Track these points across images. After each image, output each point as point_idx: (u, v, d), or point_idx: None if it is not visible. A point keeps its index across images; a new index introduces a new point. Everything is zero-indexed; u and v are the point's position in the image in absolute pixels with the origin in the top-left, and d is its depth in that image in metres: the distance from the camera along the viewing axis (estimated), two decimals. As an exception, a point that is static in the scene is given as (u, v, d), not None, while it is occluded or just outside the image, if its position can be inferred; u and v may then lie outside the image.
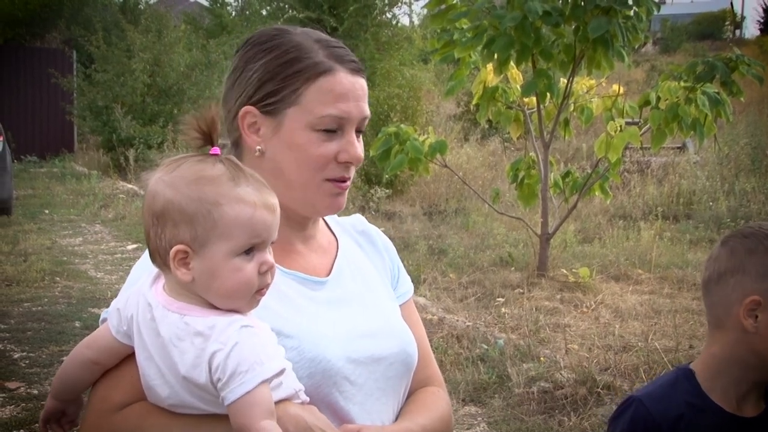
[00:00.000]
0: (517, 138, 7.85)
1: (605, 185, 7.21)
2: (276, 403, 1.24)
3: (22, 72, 18.23)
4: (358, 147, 1.47)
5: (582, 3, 6.17)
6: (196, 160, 1.28)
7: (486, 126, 14.25)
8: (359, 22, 17.32)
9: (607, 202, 8.06)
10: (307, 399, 1.33)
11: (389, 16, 18.62)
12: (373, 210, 10.72)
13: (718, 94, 6.29)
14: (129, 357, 1.34)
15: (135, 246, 9.10)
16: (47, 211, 11.61)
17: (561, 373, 4.79)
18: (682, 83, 6.33)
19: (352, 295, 1.53)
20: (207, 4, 23.80)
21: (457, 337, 5.51)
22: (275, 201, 1.29)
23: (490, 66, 6.73)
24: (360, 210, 10.48)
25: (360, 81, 1.48)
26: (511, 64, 6.51)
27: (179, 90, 15.75)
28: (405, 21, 38.58)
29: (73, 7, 23.28)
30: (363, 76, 1.50)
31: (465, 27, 6.52)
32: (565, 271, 7.13)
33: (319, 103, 1.43)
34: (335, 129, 1.45)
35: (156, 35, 15.88)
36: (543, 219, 7.21)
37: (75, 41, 20.29)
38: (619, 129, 6.55)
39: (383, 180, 11.11)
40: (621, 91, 7.00)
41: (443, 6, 6.60)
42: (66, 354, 5.38)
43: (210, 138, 1.31)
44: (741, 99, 6.55)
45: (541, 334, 5.63)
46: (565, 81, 6.84)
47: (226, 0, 23.27)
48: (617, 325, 5.84)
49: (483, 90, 7.06)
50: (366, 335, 1.48)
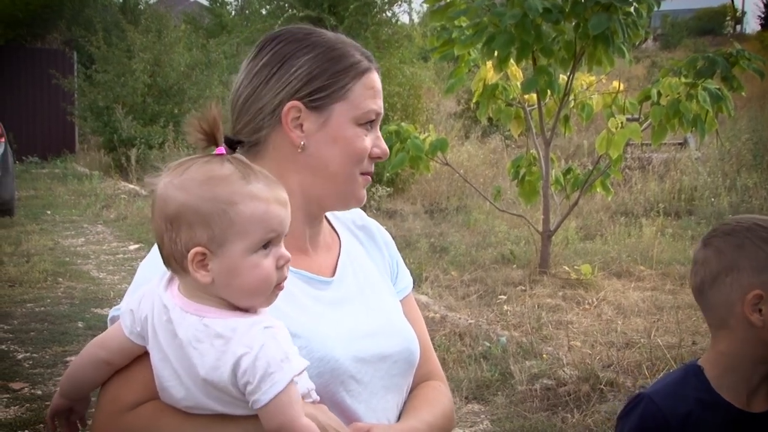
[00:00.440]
0: (518, 135, 7.85)
1: (606, 182, 7.20)
2: None
3: (23, 73, 18.23)
4: (384, 142, 1.55)
5: (582, 0, 6.16)
6: (203, 161, 1.28)
7: (487, 123, 14.24)
8: (359, 20, 17.29)
9: (609, 198, 8.05)
10: (318, 398, 1.34)
11: (389, 14, 18.60)
12: (375, 208, 10.72)
13: (719, 89, 6.28)
14: (140, 357, 1.34)
15: (137, 246, 9.11)
16: (49, 212, 11.62)
17: (564, 370, 4.79)
18: (682, 79, 6.33)
19: (354, 295, 1.55)
20: (207, 3, 23.81)
21: (460, 335, 5.52)
22: (286, 195, 1.30)
23: (489, 63, 6.73)
24: (361, 209, 10.47)
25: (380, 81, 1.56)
26: (511, 61, 6.50)
27: (180, 90, 15.74)
28: (405, 19, 38.57)
29: (74, 8, 23.29)
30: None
31: (464, 25, 6.52)
32: (567, 268, 7.12)
33: (364, 98, 1.49)
34: (371, 124, 1.51)
35: (156, 35, 15.88)
36: (544, 216, 7.20)
37: (75, 42, 20.30)
38: (620, 125, 6.55)
39: (384, 178, 11.12)
40: (621, 88, 7.00)
41: (442, 2, 6.59)
42: (69, 354, 5.42)
43: (214, 138, 1.31)
44: (742, 93, 6.55)
45: (544, 331, 5.64)
46: (566, 78, 6.83)
47: (225, 0, 23.27)
48: (620, 322, 5.85)
49: (483, 87, 7.05)
50: (370, 334, 1.50)
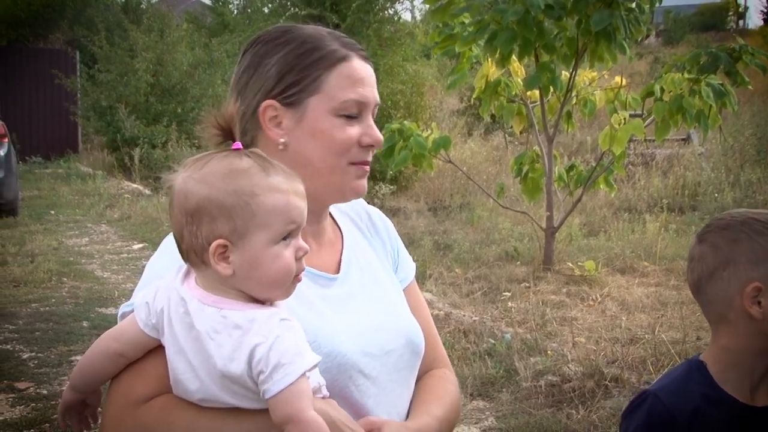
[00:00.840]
0: (520, 132, 7.85)
1: (610, 178, 7.20)
2: None
3: (25, 73, 18.26)
4: (377, 131, 1.51)
5: (584, -4, 6.16)
6: (221, 156, 1.30)
7: (489, 120, 14.24)
8: (361, 18, 17.29)
9: (612, 195, 8.05)
10: (328, 393, 1.35)
11: (391, 12, 18.60)
12: (378, 206, 10.66)
13: (722, 85, 6.27)
14: (153, 350, 1.34)
15: (141, 245, 9.12)
16: (53, 212, 11.64)
17: (568, 367, 4.79)
18: (685, 74, 6.32)
19: (359, 290, 1.56)
20: (209, 2, 23.79)
21: (464, 332, 5.52)
22: (303, 188, 1.32)
23: (491, 60, 6.72)
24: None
25: (370, 69, 1.53)
26: (513, 57, 6.50)
27: (182, 89, 15.75)
28: (407, 17, 38.56)
29: (76, 8, 23.31)
30: (371, 64, 1.55)
31: (466, 22, 6.52)
32: (571, 265, 7.12)
33: (340, 89, 1.47)
34: (356, 114, 1.48)
35: (158, 34, 15.89)
36: (548, 213, 7.20)
37: (78, 42, 20.34)
38: (623, 121, 6.55)
39: (387, 176, 11.12)
40: (624, 84, 6.99)
41: (443, 0, 6.59)
42: (75, 354, 5.43)
43: (231, 133, 1.33)
44: (749, 87, 6.54)
45: (548, 327, 5.64)
46: (568, 74, 6.83)
47: (228, -2, 23.25)
48: (624, 318, 5.85)
49: (485, 84, 7.05)
50: (375, 328, 1.51)
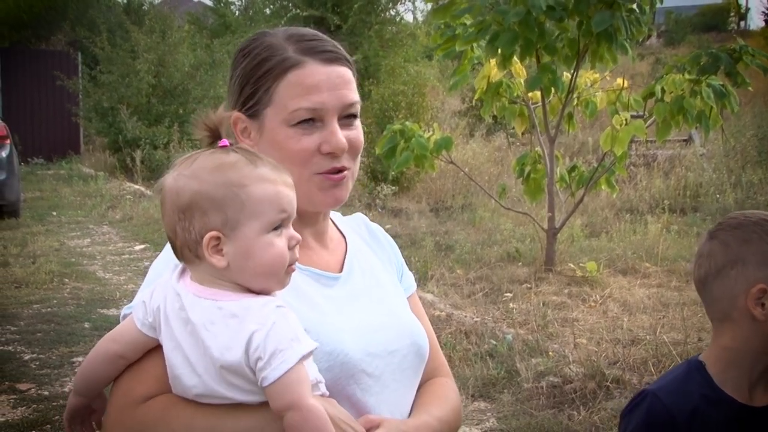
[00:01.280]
0: (522, 133, 7.85)
1: (611, 179, 7.20)
2: None
3: (27, 74, 18.29)
4: (340, 136, 1.45)
5: (585, -3, 6.16)
6: (209, 152, 1.33)
7: (491, 121, 14.25)
8: (363, 19, 17.33)
9: (614, 195, 8.05)
10: (327, 392, 1.35)
11: (393, 13, 18.63)
12: (380, 207, 10.73)
13: (722, 86, 6.27)
14: (152, 351, 1.36)
15: (143, 246, 9.12)
16: (55, 213, 11.65)
17: (570, 368, 4.79)
18: (686, 75, 6.32)
19: (362, 291, 1.56)
20: (211, 3, 23.79)
21: (466, 333, 5.52)
22: (291, 179, 1.34)
23: (493, 61, 6.73)
24: (366, 207, 10.49)
25: (337, 69, 1.47)
26: (515, 58, 6.50)
27: (184, 90, 15.77)
28: (409, 18, 38.59)
29: (78, 9, 23.35)
30: (343, 64, 1.48)
31: (468, 23, 6.52)
32: (573, 266, 7.12)
33: (290, 98, 1.44)
34: (312, 121, 1.45)
35: (160, 36, 15.91)
36: (550, 214, 7.20)
37: (80, 43, 20.35)
38: (625, 122, 6.55)
39: (389, 177, 11.13)
40: (625, 85, 6.99)
41: (445, 1, 6.59)
42: (76, 355, 5.43)
43: (218, 133, 1.35)
44: (749, 89, 6.54)
45: (550, 328, 5.64)
46: (569, 75, 6.83)
47: (229, 0, 23.28)
48: (625, 319, 5.84)
49: (487, 85, 7.05)
50: (379, 328, 1.51)
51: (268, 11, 19.09)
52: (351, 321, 1.47)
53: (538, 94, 6.99)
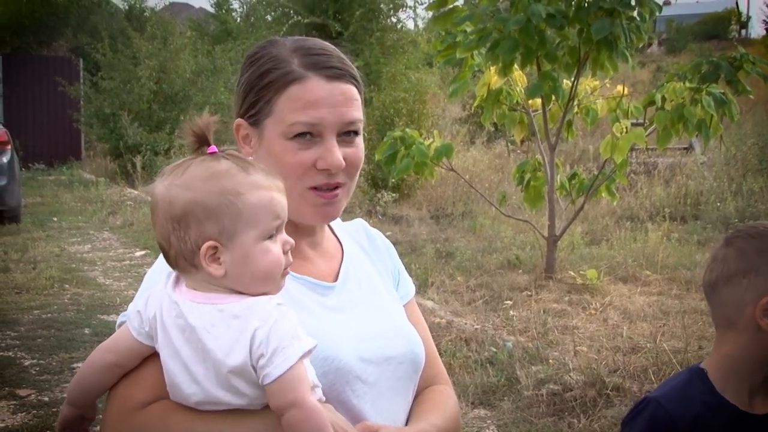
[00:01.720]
0: (521, 141, 7.86)
1: (612, 187, 7.20)
2: None
3: (29, 80, 18.34)
4: (336, 153, 1.45)
5: (585, 5, 6.18)
6: (199, 160, 1.32)
7: (492, 129, 14.26)
8: (364, 26, 17.36)
9: (614, 203, 8.06)
10: (323, 397, 1.35)
11: (394, 20, 18.66)
12: (380, 214, 10.74)
13: (723, 94, 6.28)
14: (149, 357, 1.35)
15: (143, 252, 9.13)
16: (55, 219, 11.66)
17: (570, 375, 4.79)
18: (687, 83, 6.33)
19: (358, 299, 1.56)
20: (212, 10, 23.87)
21: (466, 341, 5.51)
22: (282, 183, 1.34)
23: (493, 68, 6.74)
24: (367, 214, 10.50)
25: (340, 87, 1.46)
26: (515, 66, 6.51)
27: (185, 96, 15.81)
28: (410, 25, 38.62)
29: (80, 16, 23.43)
30: (348, 81, 1.48)
31: (469, 30, 6.53)
32: (573, 273, 7.12)
33: (289, 112, 1.44)
34: (310, 135, 1.44)
35: (162, 42, 15.95)
36: (550, 221, 7.20)
37: (81, 49, 20.41)
38: (625, 130, 6.55)
39: (389, 184, 11.13)
40: (626, 92, 7.00)
41: (446, 8, 6.61)
42: (76, 361, 5.42)
43: (205, 139, 1.34)
44: (750, 97, 6.55)
45: (550, 336, 5.63)
46: (570, 83, 6.84)
47: (231, 6, 23.33)
48: (625, 327, 5.84)
49: (487, 92, 7.06)
50: (374, 336, 1.51)
51: (269, 18, 19.10)
52: (346, 328, 1.47)
53: (538, 101, 7.00)
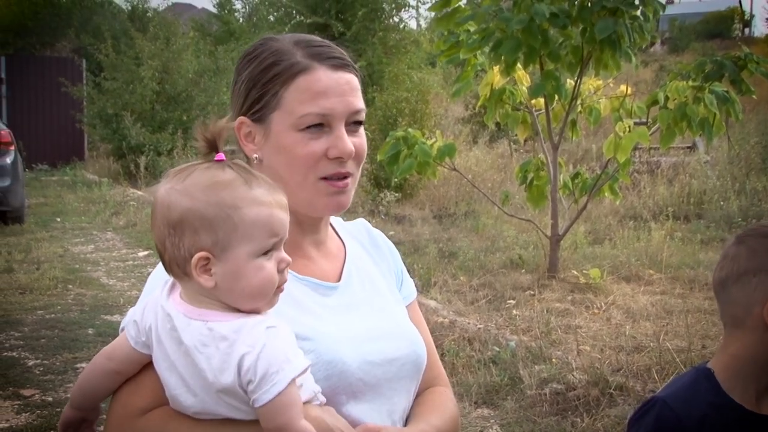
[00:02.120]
0: (525, 140, 7.85)
1: (615, 186, 7.19)
2: None
3: (32, 81, 18.36)
4: (347, 141, 1.46)
5: (589, 4, 6.16)
6: (203, 167, 1.30)
7: (495, 128, 14.26)
8: (367, 26, 17.36)
9: (617, 202, 8.05)
10: (324, 400, 1.35)
11: (396, 20, 18.66)
12: (383, 214, 10.74)
13: (726, 92, 6.27)
14: (149, 364, 1.35)
15: (146, 253, 9.13)
16: (59, 219, 11.67)
17: (573, 375, 4.78)
18: (690, 83, 6.32)
19: (361, 300, 1.56)
20: (215, 11, 23.89)
21: (469, 340, 5.51)
22: (286, 200, 1.32)
23: (496, 68, 6.73)
24: (369, 214, 10.50)
25: (345, 76, 1.47)
26: (518, 65, 6.51)
27: (188, 97, 15.82)
28: (412, 25, 38.62)
29: (82, 16, 23.47)
30: (350, 71, 1.49)
31: (472, 30, 6.53)
32: (576, 273, 7.12)
33: (299, 103, 1.44)
34: (320, 126, 1.45)
35: (164, 42, 15.96)
36: (553, 221, 7.20)
37: (84, 50, 20.45)
38: (628, 129, 6.55)
39: (392, 184, 11.13)
40: (629, 92, 6.99)
41: (449, 9, 6.61)
42: (80, 361, 5.43)
43: (215, 145, 1.32)
44: (754, 96, 6.53)
45: (553, 335, 5.63)
46: (573, 82, 6.83)
47: (233, 6, 23.36)
48: (629, 326, 5.83)
49: (490, 92, 7.06)
50: (377, 337, 1.51)
51: (272, 18, 19.13)
52: (349, 330, 1.47)
53: (541, 101, 6.99)
